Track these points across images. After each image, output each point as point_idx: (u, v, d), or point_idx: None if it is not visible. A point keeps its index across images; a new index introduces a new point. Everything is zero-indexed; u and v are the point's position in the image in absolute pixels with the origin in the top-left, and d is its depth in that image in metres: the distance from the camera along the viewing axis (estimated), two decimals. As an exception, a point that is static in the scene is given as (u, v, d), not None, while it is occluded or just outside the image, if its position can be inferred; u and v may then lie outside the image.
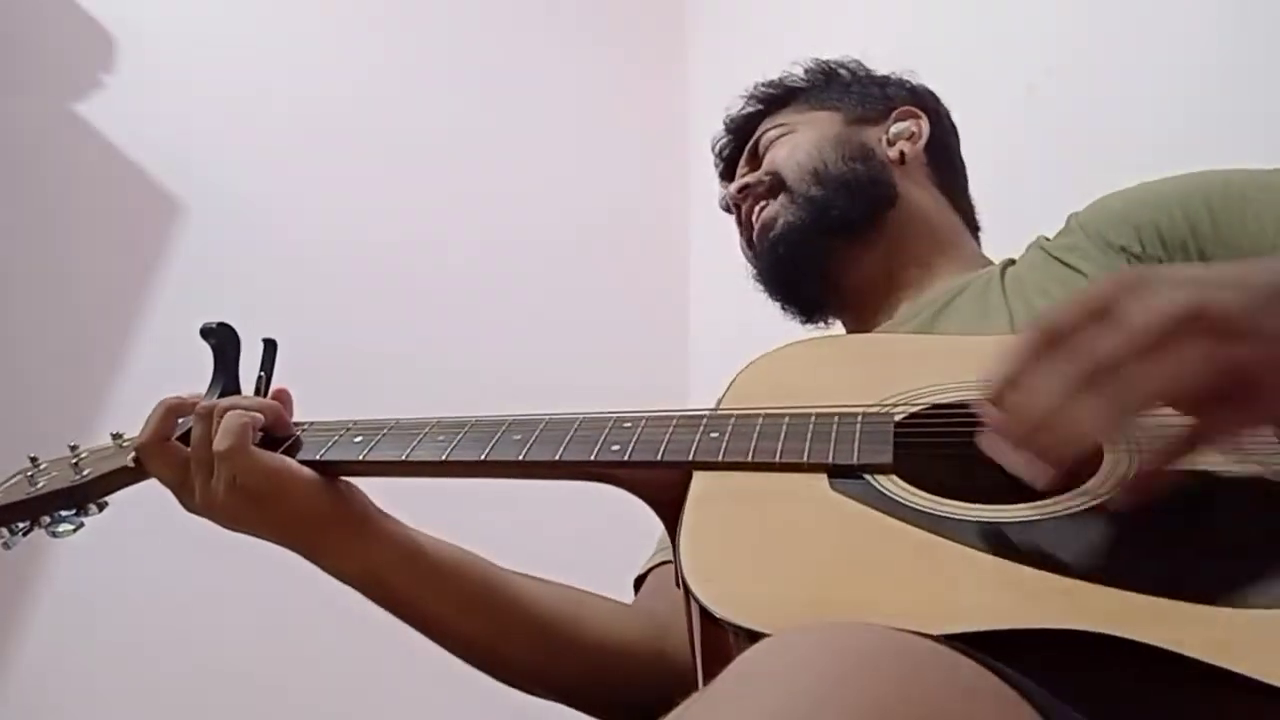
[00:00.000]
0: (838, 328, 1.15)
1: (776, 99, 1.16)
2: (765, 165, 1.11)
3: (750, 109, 1.17)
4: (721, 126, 1.20)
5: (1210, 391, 0.53)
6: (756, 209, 1.10)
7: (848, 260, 1.06)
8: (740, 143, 1.17)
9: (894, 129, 1.11)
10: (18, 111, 1.86)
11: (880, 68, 1.18)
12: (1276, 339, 0.53)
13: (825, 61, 1.17)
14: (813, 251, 1.06)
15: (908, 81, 1.16)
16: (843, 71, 1.16)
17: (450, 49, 2.26)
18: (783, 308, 1.13)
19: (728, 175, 1.19)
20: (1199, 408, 0.55)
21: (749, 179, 1.11)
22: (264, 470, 0.77)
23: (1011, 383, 0.57)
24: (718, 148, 1.20)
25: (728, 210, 1.16)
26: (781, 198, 1.08)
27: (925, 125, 1.11)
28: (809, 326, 1.15)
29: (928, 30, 1.75)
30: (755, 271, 1.12)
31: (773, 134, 1.12)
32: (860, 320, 1.09)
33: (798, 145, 1.09)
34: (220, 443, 0.76)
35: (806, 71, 1.17)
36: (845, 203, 1.05)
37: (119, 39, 1.96)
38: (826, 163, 1.07)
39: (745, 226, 1.13)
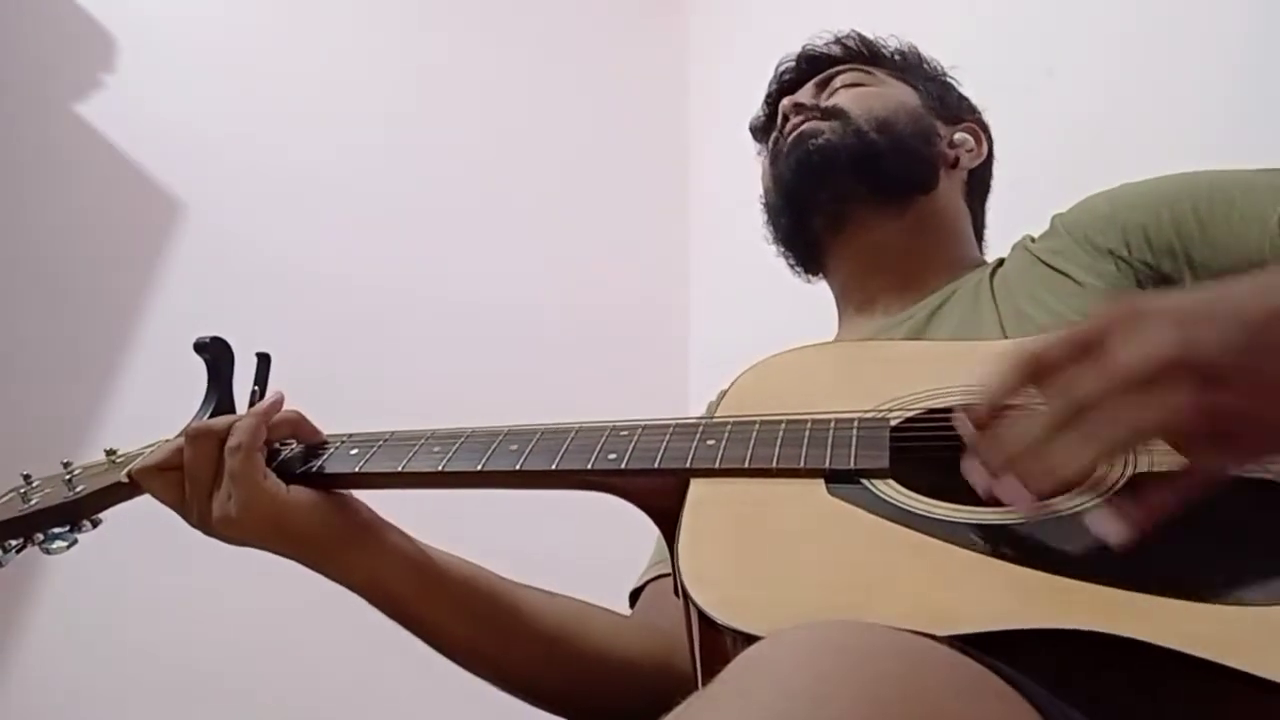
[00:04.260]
0: (825, 314, 1.13)
1: (860, 55, 1.14)
2: (834, 100, 1.08)
3: (832, 51, 1.14)
4: (771, 89, 1.16)
5: (1197, 435, 0.53)
6: (805, 125, 1.06)
7: (863, 215, 1.04)
8: (809, 73, 1.14)
9: (958, 135, 1.10)
10: (18, 111, 1.86)
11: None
12: (1262, 379, 0.52)
13: (917, 49, 1.16)
14: (838, 179, 1.03)
15: (979, 110, 1.15)
16: (927, 66, 1.16)
17: (451, 53, 2.26)
18: (779, 240, 1.11)
19: (775, 99, 1.15)
20: (1188, 448, 0.54)
21: (808, 100, 1.09)
22: (265, 499, 0.76)
23: (995, 409, 0.59)
24: (781, 69, 1.16)
25: (754, 132, 1.13)
26: (835, 123, 1.05)
27: (985, 148, 1.12)
28: (798, 276, 1.13)
29: (928, 30, 1.74)
30: (772, 179, 1.08)
31: (854, 76, 1.10)
32: (848, 293, 1.08)
33: (875, 95, 1.08)
34: (230, 465, 0.76)
35: (898, 45, 1.15)
36: (893, 161, 1.03)
37: (119, 39, 1.96)
38: (897, 122, 1.05)
39: (781, 137, 1.08)
